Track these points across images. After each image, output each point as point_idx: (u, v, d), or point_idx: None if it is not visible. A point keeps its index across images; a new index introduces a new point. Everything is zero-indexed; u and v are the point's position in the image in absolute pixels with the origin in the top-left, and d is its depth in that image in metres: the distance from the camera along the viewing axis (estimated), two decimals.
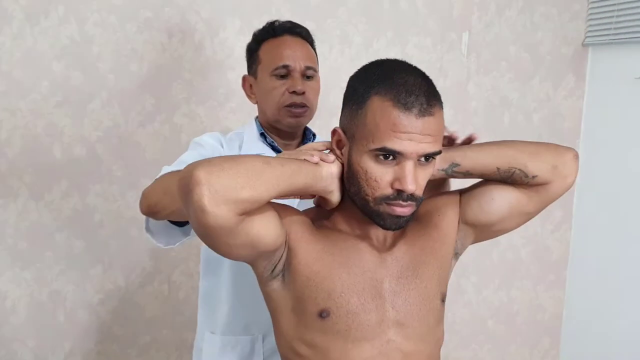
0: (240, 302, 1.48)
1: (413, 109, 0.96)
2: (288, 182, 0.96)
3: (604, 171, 2.61)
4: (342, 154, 1.05)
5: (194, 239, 1.36)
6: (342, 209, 1.10)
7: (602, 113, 2.63)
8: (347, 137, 1.04)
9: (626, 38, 2.47)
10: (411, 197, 0.99)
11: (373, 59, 1.07)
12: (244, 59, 1.56)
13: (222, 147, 1.47)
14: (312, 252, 1.04)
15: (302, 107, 1.46)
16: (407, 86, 0.97)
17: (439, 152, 1.00)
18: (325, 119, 1.95)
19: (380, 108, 0.97)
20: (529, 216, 1.17)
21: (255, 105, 1.54)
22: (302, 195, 1.06)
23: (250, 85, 1.54)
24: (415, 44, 2.39)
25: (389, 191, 0.99)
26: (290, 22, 1.51)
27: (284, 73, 1.45)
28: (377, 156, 0.98)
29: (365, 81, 1.01)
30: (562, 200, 2.67)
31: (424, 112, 0.96)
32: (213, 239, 0.93)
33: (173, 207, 1.17)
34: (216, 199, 0.87)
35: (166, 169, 1.32)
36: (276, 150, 1.50)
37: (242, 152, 1.48)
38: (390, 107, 0.96)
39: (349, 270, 1.05)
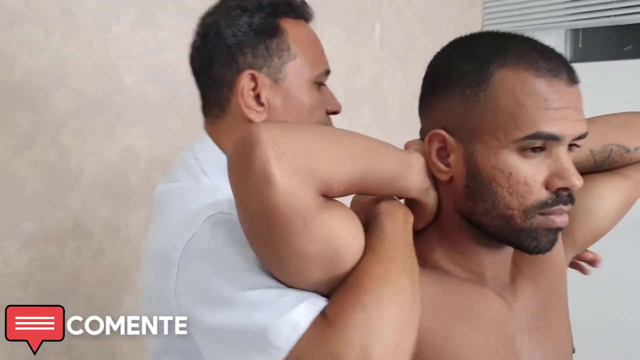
0: None
1: (562, 75, 0.71)
2: (372, 160, 0.69)
3: None
4: (448, 165, 0.76)
5: None
6: (435, 236, 0.80)
7: None
8: (457, 139, 0.75)
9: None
10: (571, 197, 0.73)
11: None
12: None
13: None
14: None
15: None
16: (537, 49, 0.73)
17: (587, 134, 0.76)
18: None
19: (519, 81, 0.71)
20: (629, 208, 0.96)
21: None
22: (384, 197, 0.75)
23: (256, 89, 0.89)
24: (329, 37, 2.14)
25: (544, 195, 0.72)
26: None
27: (323, 82, 0.95)
28: (523, 149, 0.71)
29: (474, 56, 0.74)
30: None
31: (574, 79, 0.72)
32: (277, 238, 0.62)
33: None
34: (287, 164, 0.60)
35: None
36: None
37: None
38: (532, 78, 0.70)
39: (475, 327, 0.75)
